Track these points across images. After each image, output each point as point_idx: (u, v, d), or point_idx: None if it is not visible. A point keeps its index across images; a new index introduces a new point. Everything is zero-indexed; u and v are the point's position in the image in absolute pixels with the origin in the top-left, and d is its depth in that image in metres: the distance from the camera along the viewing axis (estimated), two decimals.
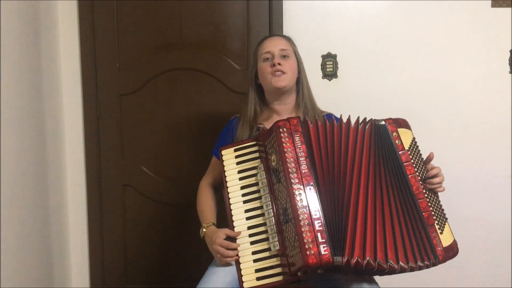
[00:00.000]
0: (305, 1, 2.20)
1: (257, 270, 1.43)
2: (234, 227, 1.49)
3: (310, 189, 1.36)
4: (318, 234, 1.30)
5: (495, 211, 2.29)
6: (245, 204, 1.50)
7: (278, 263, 1.41)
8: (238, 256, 1.46)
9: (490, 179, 2.28)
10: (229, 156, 1.57)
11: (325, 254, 1.29)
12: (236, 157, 1.56)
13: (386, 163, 1.43)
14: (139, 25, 2.27)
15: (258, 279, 1.41)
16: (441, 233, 1.40)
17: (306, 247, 1.29)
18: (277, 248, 1.41)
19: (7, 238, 1.72)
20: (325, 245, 1.29)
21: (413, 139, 1.48)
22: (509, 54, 2.23)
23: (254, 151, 1.54)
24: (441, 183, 1.48)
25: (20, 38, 1.88)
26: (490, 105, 2.25)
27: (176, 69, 2.28)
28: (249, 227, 1.48)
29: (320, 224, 1.32)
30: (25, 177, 1.90)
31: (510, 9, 2.20)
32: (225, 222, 1.54)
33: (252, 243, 1.46)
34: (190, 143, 2.31)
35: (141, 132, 2.32)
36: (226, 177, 1.55)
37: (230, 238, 1.50)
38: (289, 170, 1.38)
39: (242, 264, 1.45)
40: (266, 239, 1.44)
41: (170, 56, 2.27)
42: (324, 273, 1.36)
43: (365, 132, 1.45)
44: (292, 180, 1.37)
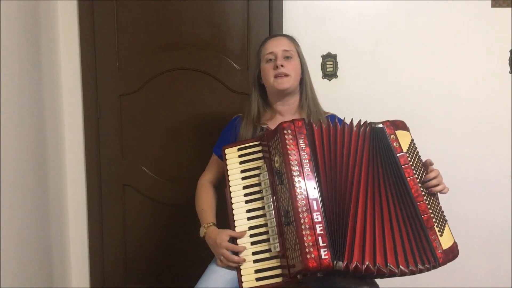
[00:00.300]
0: (305, 1, 2.20)
1: (257, 271, 1.43)
2: (235, 227, 1.49)
3: (313, 193, 1.36)
4: (319, 238, 1.31)
5: (495, 211, 2.28)
6: (247, 204, 1.50)
7: (278, 265, 1.42)
8: (245, 260, 1.45)
9: (490, 179, 2.28)
10: (233, 155, 1.56)
11: (326, 259, 1.29)
12: (240, 157, 1.55)
13: (385, 167, 1.43)
14: (139, 25, 2.27)
15: (258, 280, 1.42)
16: (441, 235, 1.40)
17: (307, 251, 1.29)
18: (278, 250, 1.41)
19: (7, 238, 1.71)
20: (326, 249, 1.30)
21: (411, 141, 1.47)
22: (509, 54, 2.23)
23: (258, 151, 1.54)
24: (439, 185, 1.46)
25: (20, 38, 1.87)
26: (490, 105, 2.25)
27: (176, 69, 2.28)
28: (250, 228, 1.48)
29: (321, 228, 1.32)
30: (25, 177, 1.90)
31: (510, 9, 2.20)
32: (225, 221, 1.54)
33: (253, 244, 1.46)
34: (190, 143, 2.31)
35: (141, 132, 2.32)
36: (229, 176, 1.54)
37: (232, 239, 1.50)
38: (292, 173, 1.37)
39: (242, 265, 1.45)
40: (267, 240, 1.45)
41: (170, 56, 2.27)
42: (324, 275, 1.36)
43: (365, 136, 1.45)
44: (295, 183, 1.36)
